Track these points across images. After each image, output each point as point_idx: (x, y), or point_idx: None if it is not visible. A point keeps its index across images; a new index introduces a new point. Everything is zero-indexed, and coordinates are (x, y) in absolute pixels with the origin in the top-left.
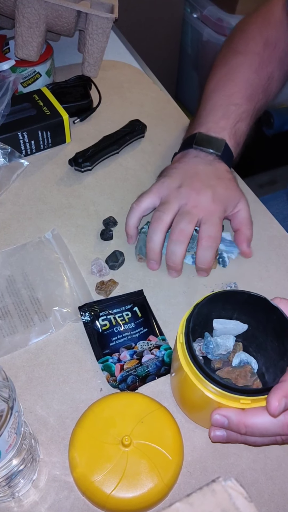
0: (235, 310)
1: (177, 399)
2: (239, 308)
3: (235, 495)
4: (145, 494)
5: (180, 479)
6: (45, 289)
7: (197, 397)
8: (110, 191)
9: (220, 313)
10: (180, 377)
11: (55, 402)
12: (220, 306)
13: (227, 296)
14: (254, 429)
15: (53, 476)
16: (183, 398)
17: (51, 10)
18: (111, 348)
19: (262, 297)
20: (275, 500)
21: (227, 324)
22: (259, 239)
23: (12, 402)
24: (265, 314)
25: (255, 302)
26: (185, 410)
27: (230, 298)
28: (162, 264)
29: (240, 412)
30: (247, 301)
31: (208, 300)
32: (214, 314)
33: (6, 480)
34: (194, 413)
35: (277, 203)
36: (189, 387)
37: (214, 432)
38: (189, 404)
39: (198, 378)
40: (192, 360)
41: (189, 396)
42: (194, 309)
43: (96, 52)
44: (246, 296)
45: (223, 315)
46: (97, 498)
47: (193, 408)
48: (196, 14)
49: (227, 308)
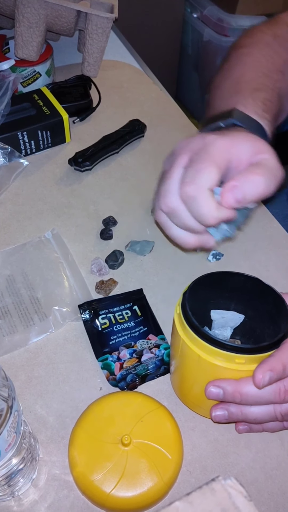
0: (233, 299)
1: (177, 386)
2: (236, 296)
3: (235, 494)
4: (144, 493)
5: (179, 478)
6: (45, 289)
7: (194, 366)
8: (110, 191)
9: (218, 303)
10: (178, 352)
11: (55, 401)
12: (218, 292)
13: (222, 278)
14: (249, 397)
15: (53, 475)
16: (182, 377)
17: (51, 10)
18: (110, 347)
19: (255, 278)
20: (274, 499)
21: (224, 314)
22: (259, 239)
23: (11, 401)
24: (260, 297)
25: (250, 286)
26: (185, 396)
27: (226, 281)
28: (162, 264)
29: (234, 381)
30: (244, 286)
31: (204, 278)
32: (212, 304)
33: (6, 479)
34: (193, 395)
35: (277, 203)
36: (186, 356)
37: (215, 411)
38: (188, 382)
39: (194, 341)
40: (187, 323)
41: (186, 370)
42: (190, 284)
43: (96, 52)
44: (241, 278)
45: (222, 305)
46: (96, 497)
47: (192, 387)
48: (196, 14)
49: (224, 296)
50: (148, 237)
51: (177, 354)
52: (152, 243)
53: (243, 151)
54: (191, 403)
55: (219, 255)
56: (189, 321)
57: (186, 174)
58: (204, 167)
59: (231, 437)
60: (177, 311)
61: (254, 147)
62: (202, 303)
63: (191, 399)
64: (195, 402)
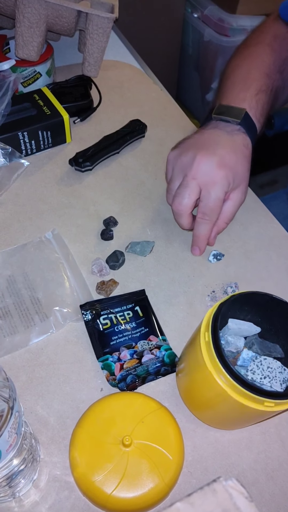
0: (251, 311)
1: (187, 398)
2: (255, 309)
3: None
4: (145, 494)
5: (180, 479)
6: (45, 289)
7: (216, 396)
8: (111, 191)
9: (235, 313)
10: (199, 376)
11: (56, 402)
12: (238, 306)
13: (248, 298)
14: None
15: (54, 476)
16: (198, 398)
17: (52, 10)
18: (111, 347)
19: (283, 301)
20: (276, 500)
21: (241, 325)
22: (259, 239)
23: (12, 402)
24: (283, 318)
25: (274, 305)
26: (195, 409)
27: (251, 300)
28: (163, 265)
29: None
30: (267, 304)
31: (232, 301)
32: (230, 313)
33: (7, 480)
34: (206, 411)
35: (278, 203)
36: (210, 386)
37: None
38: (203, 403)
39: (223, 377)
40: (219, 359)
41: (206, 395)
42: (220, 307)
43: (96, 52)
44: (267, 298)
45: (238, 315)
46: (97, 498)
47: (207, 407)
48: (196, 14)
49: (244, 309)
50: (148, 237)
51: (195, 375)
52: (153, 243)
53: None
54: (196, 411)
55: (219, 256)
56: (221, 357)
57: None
58: (187, 194)
59: (232, 438)
60: (206, 338)
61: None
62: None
63: (198, 409)
64: (201, 413)
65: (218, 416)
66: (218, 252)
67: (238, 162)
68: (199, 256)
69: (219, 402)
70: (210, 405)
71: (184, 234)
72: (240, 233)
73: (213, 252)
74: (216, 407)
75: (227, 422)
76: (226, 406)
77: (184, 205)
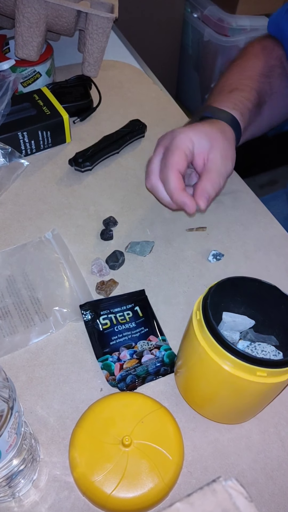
0: (244, 302)
1: (186, 390)
2: (248, 300)
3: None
4: (145, 494)
5: (180, 479)
6: (45, 289)
7: (212, 376)
8: (110, 191)
9: (229, 306)
10: (193, 357)
11: (56, 402)
12: (231, 296)
13: (238, 284)
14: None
15: (54, 476)
16: (196, 384)
17: (51, 10)
18: (111, 347)
19: (272, 286)
20: (275, 500)
21: (236, 317)
22: (259, 239)
23: (12, 402)
24: (274, 305)
25: (265, 292)
26: (195, 401)
27: (241, 287)
28: (162, 265)
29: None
30: (258, 291)
31: (221, 284)
32: (223, 305)
33: (7, 480)
34: (205, 401)
35: (278, 203)
36: (204, 363)
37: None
38: (201, 390)
39: (215, 350)
40: (211, 333)
41: (203, 379)
42: (209, 290)
43: (96, 52)
44: (257, 284)
45: (232, 308)
46: (97, 498)
47: (205, 395)
48: (196, 14)
49: (236, 300)
50: (148, 237)
51: (192, 359)
52: (152, 243)
53: (203, 143)
54: (197, 405)
55: (219, 256)
56: (212, 329)
57: (162, 161)
58: (173, 155)
59: (231, 438)
60: (197, 316)
61: (210, 141)
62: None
63: (199, 401)
64: (202, 404)
65: (216, 404)
66: (218, 252)
67: (211, 129)
68: (192, 212)
69: (215, 382)
70: (208, 391)
71: (184, 234)
72: (239, 233)
73: (212, 252)
74: (213, 391)
75: (225, 409)
76: (221, 384)
77: (148, 162)
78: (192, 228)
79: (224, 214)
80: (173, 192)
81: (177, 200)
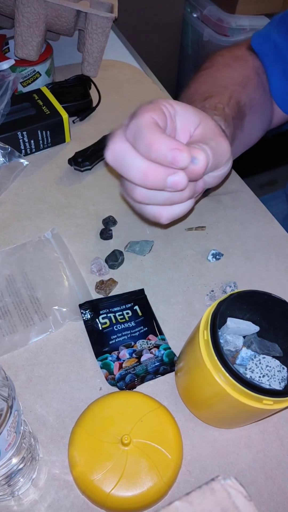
0: (250, 310)
1: (186, 397)
2: (254, 308)
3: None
4: (144, 493)
5: (179, 478)
6: (44, 289)
7: (215, 395)
8: (110, 191)
9: (234, 312)
10: (198, 375)
11: (55, 401)
12: (238, 305)
13: (247, 296)
14: None
15: (53, 475)
16: (197, 396)
17: (51, 10)
18: (110, 346)
19: (282, 300)
20: (274, 499)
21: (240, 324)
22: (259, 239)
23: (11, 401)
24: (282, 317)
25: (273, 304)
26: (194, 408)
27: (250, 299)
28: (162, 264)
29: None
30: (265, 303)
31: (230, 299)
32: (229, 312)
33: (6, 479)
34: (205, 410)
35: (277, 203)
36: (209, 385)
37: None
38: (202, 401)
39: (222, 376)
40: (218, 358)
41: (205, 394)
42: (219, 306)
43: (95, 52)
44: (266, 297)
45: (237, 314)
46: (96, 497)
47: (206, 406)
48: (196, 14)
49: (242, 308)
50: (147, 236)
51: (195, 374)
52: (152, 243)
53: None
54: (196, 412)
55: (219, 255)
56: (220, 356)
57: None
58: (144, 108)
59: (230, 437)
60: (204, 336)
61: (200, 116)
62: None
63: (198, 410)
64: (202, 413)
65: (217, 415)
66: (217, 251)
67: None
68: (184, 165)
69: (218, 400)
70: (209, 403)
71: (183, 234)
72: (239, 232)
73: (212, 252)
74: (215, 405)
75: (226, 421)
76: (225, 405)
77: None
78: (191, 227)
79: (223, 214)
80: (152, 139)
81: (160, 149)
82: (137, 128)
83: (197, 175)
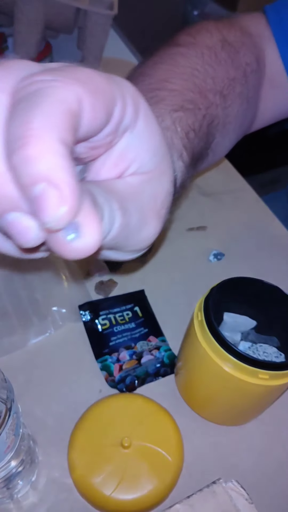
0: (245, 303)
1: (187, 391)
2: (249, 301)
3: (236, 496)
4: (145, 496)
5: (180, 481)
6: (43, 289)
7: (213, 377)
8: None
9: (230, 306)
10: (195, 359)
11: (54, 403)
12: (232, 296)
13: (240, 284)
14: None
15: (52, 477)
16: (197, 386)
17: (50, 7)
18: (110, 348)
19: (274, 286)
20: (276, 502)
21: (237, 318)
22: (260, 238)
23: (10, 403)
24: (276, 305)
25: (267, 293)
26: (196, 402)
27: (243, 287)
28: (162, 265)
29: None
30: (259, 292)
31: (223, 284)
32: (225, 306)
33: (5, 482)
34: (205, 402)
35: (279, 203)
36: (205, 364)
37: None
38: (202, 391)
39: (217, 352)
40: (212, 334)
41: (204, 380)
42: (211, 290)
43: (95, 49)
44: (259, 284)
45: (233, 308)
46: (96, 500)
47: (205, 396)
48: (196, 11)
49: (237, 300)
50: None
51: (192, 360)
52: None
53: (152, 142)
54: (198, 406)
55: (220, 255)
56: (213, 331)
57: None
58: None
59: (232, 440)
60: (198, 317)
61: (160, 159)
62: (217, 307)
63: (199, 403)
64: (203, 406)
65: (217, 405)
66: (219, 251)
67: None
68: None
69: (216, 384)
70: (209, 392)
71: (184, 234)
72: (240, 232)
73: (213, 252)
74: (214, 393)
75: (227, 412)
76: (223, 387)
77: None
78: (192, 227)
79: (224, 213)
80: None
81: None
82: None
83: (65, 251)
